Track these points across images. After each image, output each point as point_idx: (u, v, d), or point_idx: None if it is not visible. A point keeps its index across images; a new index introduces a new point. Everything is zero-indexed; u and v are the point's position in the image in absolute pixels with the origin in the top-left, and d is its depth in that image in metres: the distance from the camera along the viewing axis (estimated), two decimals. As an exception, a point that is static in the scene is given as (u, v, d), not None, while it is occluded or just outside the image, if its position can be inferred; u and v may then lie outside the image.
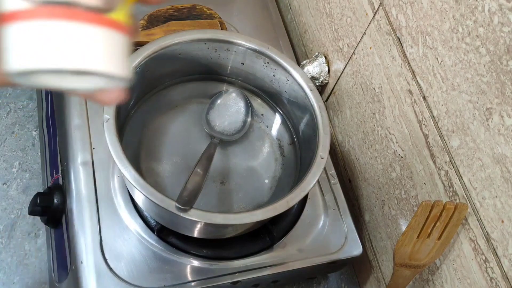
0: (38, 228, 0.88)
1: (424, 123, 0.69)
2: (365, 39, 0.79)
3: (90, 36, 0.23)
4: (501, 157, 0.57)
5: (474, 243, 0.63)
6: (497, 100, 0.56)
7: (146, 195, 0.62)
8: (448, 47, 0.62)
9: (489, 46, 0.56)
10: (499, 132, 0.56)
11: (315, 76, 0.92)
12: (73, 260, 0.70)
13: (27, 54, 0.23)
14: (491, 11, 0.54)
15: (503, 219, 0.58)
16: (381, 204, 0.83)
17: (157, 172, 0.75)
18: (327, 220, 0.81)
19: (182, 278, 0.71)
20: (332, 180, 0.85)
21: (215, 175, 0.77)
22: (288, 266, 0.76)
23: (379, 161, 0.82)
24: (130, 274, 0.69)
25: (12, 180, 0.91)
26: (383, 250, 0.84)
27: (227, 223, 0.65)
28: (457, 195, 0.65)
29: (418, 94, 0.69)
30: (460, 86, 0.61)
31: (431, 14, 0.64)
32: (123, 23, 0.25)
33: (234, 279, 0.73)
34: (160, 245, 0.72)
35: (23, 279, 0.84)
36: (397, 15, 0.70)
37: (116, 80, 0.25)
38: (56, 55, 0.23)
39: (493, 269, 0.60)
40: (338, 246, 0.79)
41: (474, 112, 0.60)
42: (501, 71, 0.55)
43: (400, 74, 0.72)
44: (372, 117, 0.81)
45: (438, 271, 0.71)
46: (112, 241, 0.71)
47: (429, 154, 0.69)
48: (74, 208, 0.72)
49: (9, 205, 0.89)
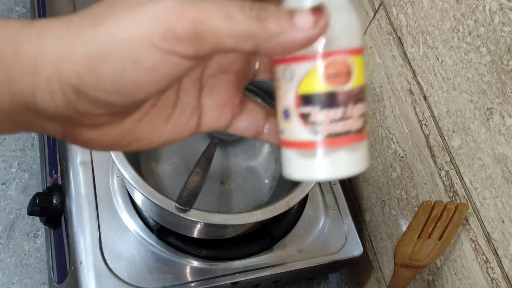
0: (37, 228, 0.88)
1: (424, 123, 0.69)
2: (366, 38, 0.79)
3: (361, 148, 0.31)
4: (502, 157, 0.57)
5: (475, 243, 0.63)
6: (497, 100, 0.56)
7: (146, 195, 0.62)
8: (449, 47, 0.61)
9: (490, 45, 0.55)
10: (499, 132, 0.56)
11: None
12: (72, 261, 0.70)
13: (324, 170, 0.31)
14: (492, 11, 0.54)
15: (503, 219, 0.58)
16: (381, 204, 0.83)
17: (156, 172, 0.75)
18: (327, 220, 0.81)
19: (182, 278, 0.71)
20: (332, 180, 0.85)
21: (215, 175, 0.77)
22: (288, 267, 0.76)
23: (379, 161, 0.82)
24: (130, 274, 0.69)
25: (11, 180, 0.91)
26: (384, 251, 0.84)
27: (227, 223, 0.64)
28: (458, 195, 0.65)
29: (418, 94, 0.69)
30: (460, 85, 0.61)
31: (431, 13, 0.63)
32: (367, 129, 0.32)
33: (234, 280, 0.72)
34: (159, 246, 0.72)
35: (22, 279, 0.83)
36: (397, 15, 0.70)
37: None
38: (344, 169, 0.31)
39: (494, 270, 0.60)
40: (339, 246, 0.79)
41: (474, 112, 0.59)
42: (501, 70, 0.54)
43: (401, 74, 0.71)
44: (373, 117, 0.81)
45: (439, 272, 0.70)
46: (112, 241, 0.70)
47: (430, 154, 0.69)
48: (74, 208, 0.72)
49: (8, 205, 0.89)
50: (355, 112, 0.30)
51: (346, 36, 0.29)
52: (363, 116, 0.31)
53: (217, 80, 0.33)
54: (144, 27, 0.25)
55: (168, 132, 0.32)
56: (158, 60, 0.26)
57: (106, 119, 0.29)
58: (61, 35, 0.26)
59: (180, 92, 0.32)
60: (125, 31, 0.25)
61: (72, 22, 0.27)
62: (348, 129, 0.30)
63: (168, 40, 0.25)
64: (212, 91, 0.33)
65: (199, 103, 0.33)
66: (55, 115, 0.28)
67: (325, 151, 0.30)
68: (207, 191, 0.74)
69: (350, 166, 0.31)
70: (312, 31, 0.26)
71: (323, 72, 0.29)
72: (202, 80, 0.33)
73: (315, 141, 0.30)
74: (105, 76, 0.26)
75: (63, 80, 0.26)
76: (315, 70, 0.29)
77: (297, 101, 0.30)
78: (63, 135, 0.30)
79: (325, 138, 0.30)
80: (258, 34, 0.26)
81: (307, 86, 0.29)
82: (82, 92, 0.26)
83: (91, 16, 0.27)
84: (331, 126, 0.30)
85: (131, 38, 0.25)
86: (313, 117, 0.30)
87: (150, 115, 0.31)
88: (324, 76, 0.29)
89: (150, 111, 0.31)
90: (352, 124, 0.30)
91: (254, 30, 0.26)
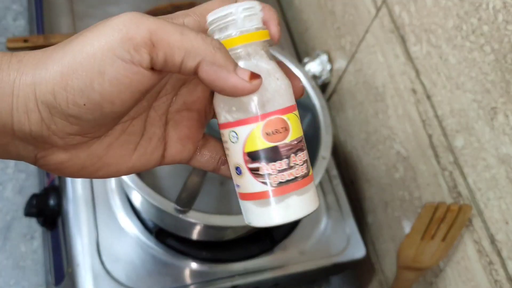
0: (34, 230, 0.87)
1: (428, 122, 0.68)
2: (368, 37, 0.78)
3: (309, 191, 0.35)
4: (506, 157, 0.56)
5: (479, 245, 0.62)
6: (501, 99, 0.55)
7: (144, 196, 0.62)
8: (452, 45, 0.61)
9: (493, 44, 0.55)
10: (504, 132, 0.56)
11: (316, 74, 0.91)
12: (69, 263, 0.69)
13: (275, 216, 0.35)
14: (496, 9, 0.54)
15: (508, 221, 0.58)
16: (384, 205, 0.82)
17: (155, 173, 0.75)
18: (329, 222, 0.81)
19: (181, 281, 0.71)
20: (334, 181, 0.85)
21: (214, 176, 0.76)
22: (289, 269, 0.76)
23: (382, 162, 0.81)
24: (128, 277, 0.69)
25: (7, 181, 0.91)
26: (386, 253, 0.84)
27: (226, 225, 0.64)
28: (461, 196, 0.64)
29: (421, 93, 0.68)
30: (464, 85, 0.60)
31: (434, 11, 0.63)
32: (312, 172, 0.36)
33: (234, 282, 0.72)
34: (158, 247, 0.72)
35: (19, 281, 0.83)
36: (400, 13, 0.70)
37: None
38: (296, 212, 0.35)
39: (498, 271, 0.60)
40: (340, 248, 0.79)
41: (478, 112, 0.59)
42: (505, 69, 0.54)
43: (404, 73, 0.71)
44: (375, 117, 0.81)
45: (442, 274, 0.70)
46: (109, 243, 0.70)
47: (433, 155, 0.68)
48: (71, 209, 0.72)
49: (4, 207, 0.89)
50: (298, 161, 0.34)
51: (278, 98, 0.34)
52: (306, 162, 0.35)
53: (182, 116, 0.37)
54: (106, 38, 0.29)
55: (135, 160, 0.35)
56: (120, 70, 0.29)
57: (77, 140, 0.32)
58: (37, 59, 0.30)
59: (147, 123, 0.36)
60: (91, 44, 0.29)
61: (48, 49, 0.31)
62: (295, 177, 0.34)
63: (127, 49, 0.29)
64: (177, 126, 0.37)
65: (165, 135, 0.37)
66: (30, 135, 0.30)
67: (277, 198, 0.34)
68: (206, 192, 0.74)
69: (302, 208, 0.35)
70: (246, 84, 0.31)
71: (263, 132, 0.33)
72: (168, 115, 0.37)
73: (267, 191, 0.34)
74: (75, 89, 0.29)
75: (38, 99, 0.29)
76: (257, 131, 0.33)
77: (245, 158, 0.34)
78: (35, 158, 0.32)
79: (275, 187, 0.34)
80: (205, 55, 0.30)
81: (251, 145, 0.34)
82: (55, 108, 0.29)
83: (65, 42, 0.30)
84: (279, 176, 0.34)
85: (95, 49, 0.29)
86: (261, 171, 0.34)
87: (119, 142, 0.34)
88: (264, 135, 0.33)
89: (119, 137, 0.34)
90: (297, 172, 0.34)
91: (202, 49, 0.30)
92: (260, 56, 0.34)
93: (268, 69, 0.34)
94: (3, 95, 0.29)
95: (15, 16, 1.07)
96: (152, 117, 0.36)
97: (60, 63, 0.29)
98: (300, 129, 0.35)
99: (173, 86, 0.36)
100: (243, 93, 0.31)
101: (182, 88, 0.36)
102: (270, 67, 0.34)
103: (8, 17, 1.07)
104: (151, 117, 0.36)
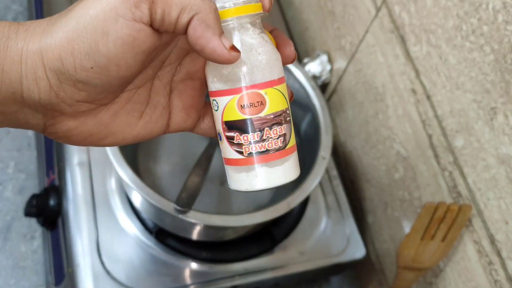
0: (34, 230, 0.87)
1: (427, 123, 0.68)
2: (368, 37, 0.78)
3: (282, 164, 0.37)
4: (506, 157, 0.56)
5: (478, 245, 0.62)
6: (501, 100, 0.55)
7: (144, 196, 0.62)
8: (452, 45, 0.61)
9: (493, 44, 0.55)
10: (503, 132, 0.56)
11: (316, 74, 0.91)
12: (69, 263, 0.69)
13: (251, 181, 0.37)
14: (496, 9, 0.54)
15: (507, 221, 0.57)
16: (384, 205, 0.82)
17: (155, 173, 0.75)
18: (329, 222, 0.81)
19: (181, 281, 0.71)
20: (334, 181, 0.85)
21: (214, 176, 0.76)
22: (289, 269, 0.76)
23: (382, 162, 0.81)
24: (128, 277, 0.69)
25: (7, 181, 0.91)
26: (386, 253, 0.84)
27: (226, 225, 0.65)
28: (461, 196, 0.64)
29: (421, 93, 0.68)
30: (464, 85, 0.60)
31: (434, 11, 0.63)
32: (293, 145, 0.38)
33: (234, 282, 0.72)
34: (158, 248, 0.72)
35: (19, 281, 0.83)
36: (400, 13, 0.70)
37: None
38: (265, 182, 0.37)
39: (498, 272, 0.60)
40: (340, 248, 0.79)
41: (478, 112, 0.59)
42: (505, 70, 0.54)
43: (404, 73, 0.71)
44: (375, 117, 0.81)
45: (442, 274, 0.70)
46: (109, 243, 0.70)
47: (433, 155, 0.68)
48: (71, 209, 0.71)
49: (4, 207, 0.88)
50: (273, 135, 0.36)
51: (256, 73, 0.35)
52: (283, 136, 0.37)
53: (185, 85, 0.38)
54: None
55: (140, 128, 0.37)
56: (123, 29, 0.30)
57: (85, 107, 0.33)
58: (43, 28, 0.31)
59: (152, 92, 0.37)
60: (93, 7, 0.30)
61: (52, 17, 0.32)
62: (266, 149, 0.36)
63: (129, 7, 0.30)
64: (181, 95, 0.38)
65: (169, 104, 0.38)
66: (39, 103, 0.32)
67: (248, 167, 0.37)
68: (206, 192, 0.74)
69: (270, 180, 0.37)
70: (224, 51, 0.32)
71: (238, 104, 0.35)
72: (172, 84, 0.38)
73: (240, 159, 0.36)
74: (82, 53, 0.30)
75: (46, 66, 0.31)
76: (232, 102, 0.35)
77: (223, 126, 0.36)
78: (44, 126, 0.34)
79: (246, 157, 0.36)
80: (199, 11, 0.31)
81: (228, 115, 0.36)
82: (63, 74, 0.31)
83: (68, 9, 0.32)
84: (250, 147, 0.36)
85: (98, 11, 0.30)
86: (236, 140, 0.36)
87: (125, 110, 0.36)
88: (239, 107, 0.35)
89: (125, 105, 0.36)
90: (270, 145, 0.36)
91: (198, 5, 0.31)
92: (246, 30, 0.35)
93: (252, 43, 0.35)
94: (12, 63, 0.30)
95: (15, 16, 1.07)
96: (156, 86, 0.37)
97: (65, 29, 0.30)
98: (281, 103, 0.37)
99: (177, 56, 0.37)
100: (219, 59, 0.32)
101: (185, 57, 0.38)
102: (256, 41, 0.35)
103: (8, 17, 1.07)
104: (156, 86, 0.37)
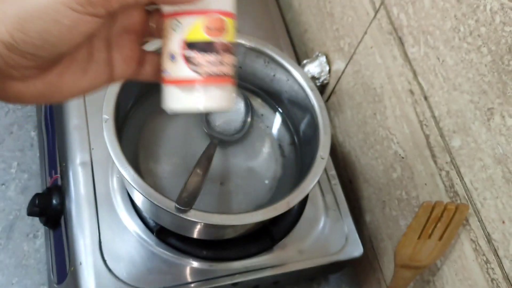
0: (37, 229, 0.87)
1: (425, 123, 0.69)
2: (366, 38, 0.79)
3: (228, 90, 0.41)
4: (503, 157, 0.56)
5: (475, 244, 0.63)
6: (498, 100, 0.55)
7: (145, 195, 0.62)
8: (450, 47, 0.61)
9: (490, 45, 0.55)
10: (500, 132, 0.56)
11: (315, 75, 0.91)
12: (72, 261, 0.70)
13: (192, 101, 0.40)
14: (493, 11, 0.54)
15: (504, 220, 0.58)
16: (382, 205, 0.83)
17: (156, 173, 0.75)
18: (328, 221, 0.81)
19: (181, 279, 0.71)
20: (333, 181, 0.85)
21: (214, 176, 0.77)
22: (288, 267, 0.76)
23: (380, 162, 0.81)
24: (130, 275, 0.69)
25: (10, 181, 0.91)
26: (384, 251, 0.84)
27: (226, 224, 0.64)
28: (458, 195, 0.64)
29: (419, 94, 0.69)
30: (461, 86, 0.61)
31: (432, 13, 0.63)
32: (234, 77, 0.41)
33: (234, 280, 0.72)
34: (159, 246, 0.72)
35: (22, 280, 0.83)
36: (398, 14, 0.70)
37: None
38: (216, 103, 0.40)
39: (494, 270, 0.60)
40: (339, 247, 0.79)
41: (475, 112, 0.59)
42: (502, 71, 0.54)
43: (401, 74, 0.71)
44: (373, 118, 0.81)
45: (439, 272, 0.70)
46: (111, 242, 0.70)
47: (430, 155, 0.69)
48: (73, 209, 0.72)
49: (7, 206, 0.89)
50: (227, 60, 0.39)
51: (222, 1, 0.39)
52: (232, 66, 0.40)
53: (122, 38, 0.41)
54: None
55: (86, 83, 0.40)
56: (75, 19, 0.33)
57: (33, 72, 0.36)
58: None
59: (93, 49, 0.40)
60: None
61: None
62: (222, 72, 0.39)
63: (81, 3, 0.32)
64: (119, 48, 0.41)
65: (110, 57, 0.41)
66: None
67: (203, 88, 0.39)
68: (207, 191, 0.74)
69: (221, 101, 0.40)
70: None
71: (204, 25, 0.38)
72: (110, 39, 0.41)
73: (196, 79, 0.39)
74: (32, 33, 0.32)
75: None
76: (199, 23, 0.38)
77: (183, 46, 0.38)
78: None
79: (204, 77, 0.39)
80: None
81: (192, 35, 0.38)
82: (14, 47, 0.33)
83: None
84: (209, 68, 0.39)
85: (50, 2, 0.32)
86: (195, 60, 0.38)
87: (70, 69, 0.38)
88: (205, 28, 0.38)
89: (69, 65, 0.38)
90: (225, 69, 0.40)
91: None
92: None
93: None
94: None
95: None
96: (96, 43, 0.40)
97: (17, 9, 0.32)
98: (234, 37, 0.40)
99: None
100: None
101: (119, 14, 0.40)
102: None
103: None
104: (96, 43, 0.40)
